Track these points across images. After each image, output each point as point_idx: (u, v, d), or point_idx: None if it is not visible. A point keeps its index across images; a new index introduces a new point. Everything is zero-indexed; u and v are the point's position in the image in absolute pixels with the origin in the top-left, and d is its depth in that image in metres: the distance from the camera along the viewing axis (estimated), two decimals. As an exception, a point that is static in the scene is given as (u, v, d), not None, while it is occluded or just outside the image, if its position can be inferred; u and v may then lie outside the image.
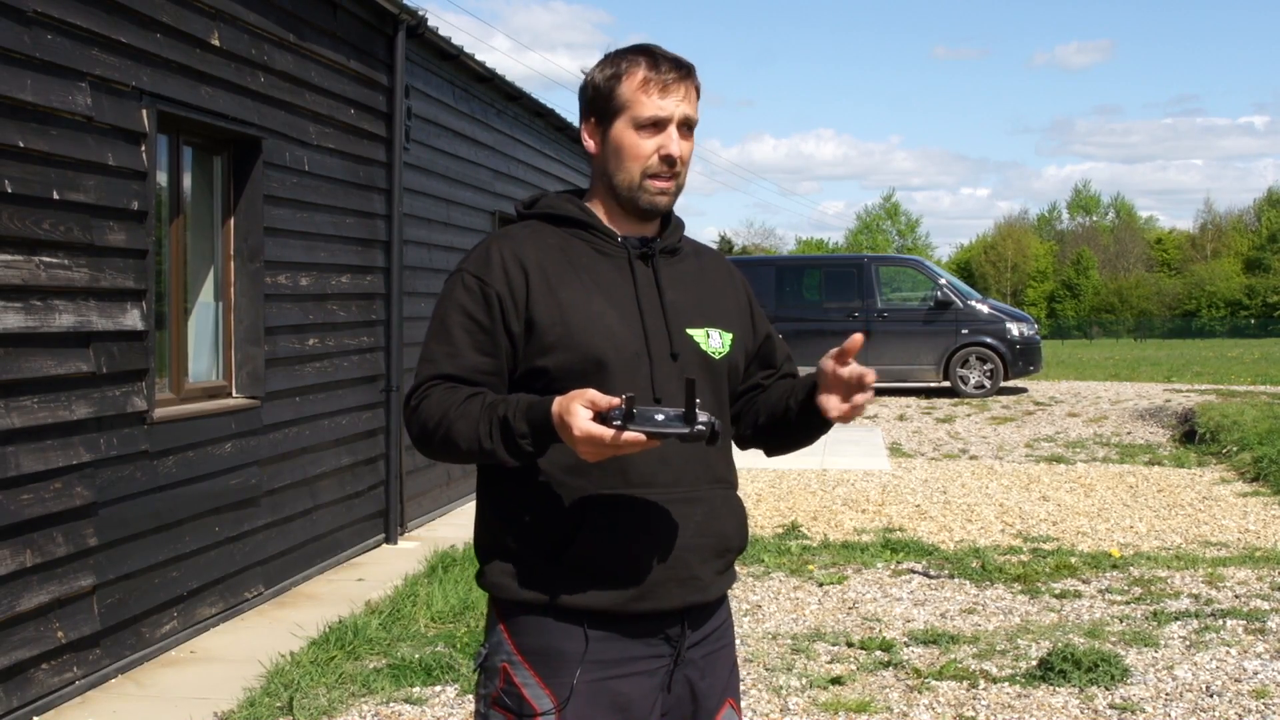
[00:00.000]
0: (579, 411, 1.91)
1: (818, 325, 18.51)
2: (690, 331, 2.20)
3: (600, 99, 2.19)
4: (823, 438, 2.33)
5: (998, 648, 5.61)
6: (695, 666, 2.19)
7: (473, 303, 2.13)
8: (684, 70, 2.18)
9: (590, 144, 2.22)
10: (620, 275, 2.18)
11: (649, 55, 2.19)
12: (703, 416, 1.91)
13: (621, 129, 2.17)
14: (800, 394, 2.23)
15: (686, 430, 1.90)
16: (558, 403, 1.96)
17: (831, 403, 2.11)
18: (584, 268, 2.16)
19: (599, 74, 2.20)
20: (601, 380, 2.06)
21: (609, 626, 2.11)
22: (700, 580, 2.17)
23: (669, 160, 2.16)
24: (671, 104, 2.16)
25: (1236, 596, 6.57)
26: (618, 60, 2.19)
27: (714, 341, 2.22)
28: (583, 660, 2.10)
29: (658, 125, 2.16)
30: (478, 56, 9.67)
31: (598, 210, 2.23)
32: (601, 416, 1.90)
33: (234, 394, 6.53)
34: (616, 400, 1.90)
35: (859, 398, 2.08)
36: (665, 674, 2.16)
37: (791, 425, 2.25)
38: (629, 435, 1.88)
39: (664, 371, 2.13)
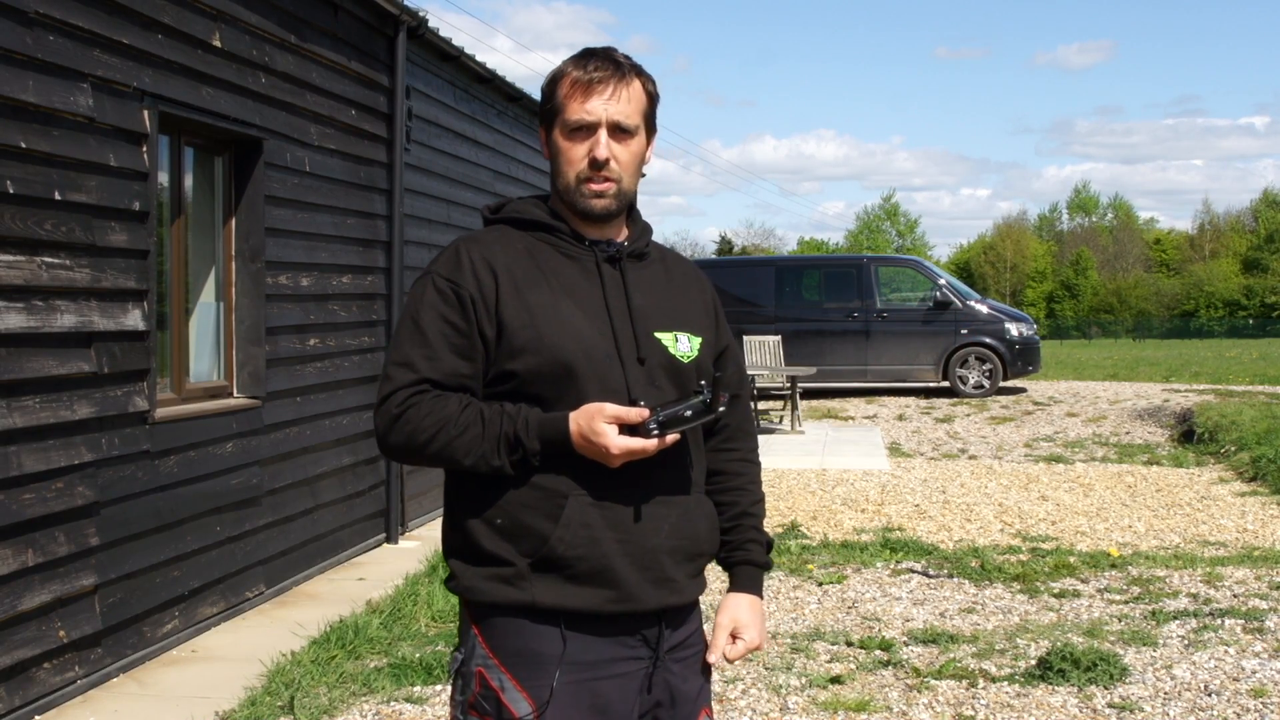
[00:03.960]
0: (608, 430, 2.00)
1: (817, 325, 18.53)
2: (658, 335, 2.19)
3: (542, 105, 2.21)
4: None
5: (997, 647, 5.62)
6: (675, 671, 2.20)
7: (447, 306, 2.11)
8: (616, 68, 2.14)
9: (545, 150, 2.23)
10: (588, 279, 2.17)
11: (584, 56, 2.16)
12: (721, 398, 2.06)
13: (556, 135, 2.16)
14: (726, 550, 2.33)
15: (713, 417, 2.07)
16: (576, 423, 2.03)
17: (718, 644, 2.26)
18: (552, 271, 2.16)
19: (545, 79, 2.20)
20: (571, 384, 2.07)
21: (586, 628, 2.10)
22: (675, 582, 2.17)
23: (595, 163, 2.13)
24: (598, 106, 2.11)
25: (1235, 596, 6.59)
26: (561, 64, 2.18)
27: (683, 345, 2.22)
28: (561, 662, 2.09)
29: (587, 129, 2.13)
30: (478, 57, 9.69)
31: (562, 213, 2.22)
32: (632, 429, 2.01)
33: (235, 394, 6.55)
34: (641, 412, 2.01)
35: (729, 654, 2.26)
36: (644, 676, 2.16)
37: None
38: (670, 439, 2.03)
39: (634, 375, 2.13)
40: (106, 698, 4.98)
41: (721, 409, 2.04)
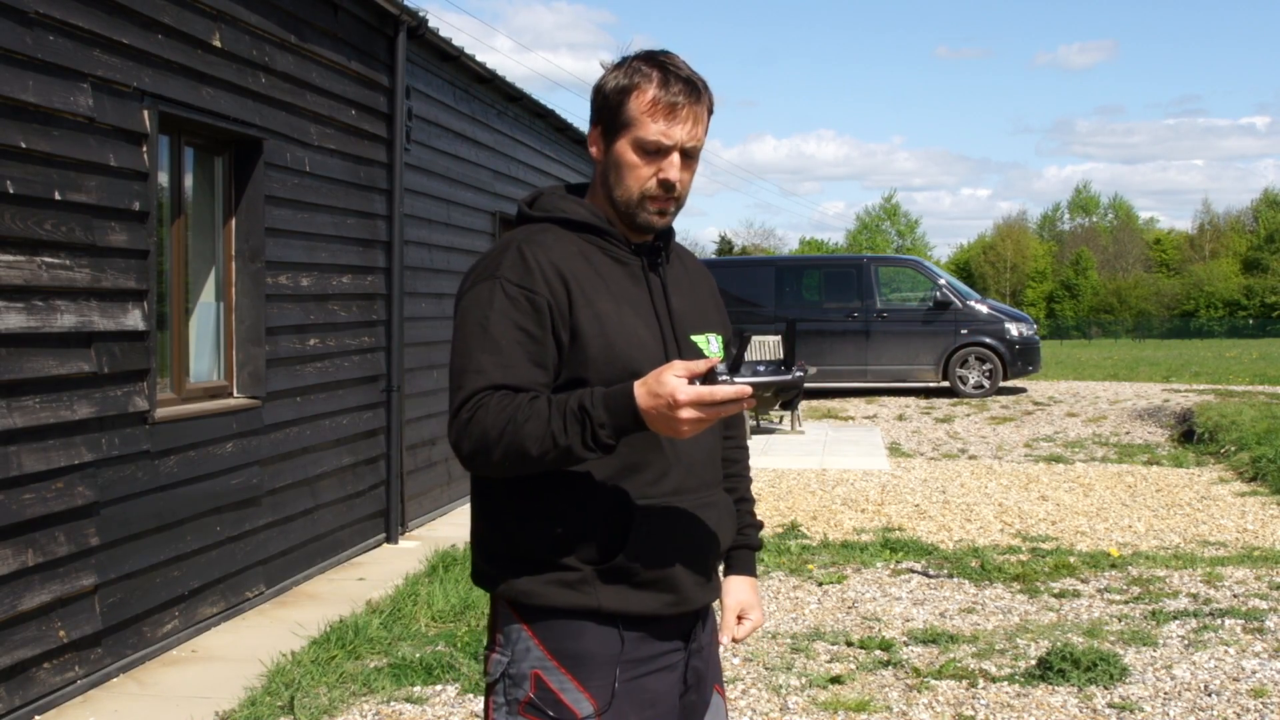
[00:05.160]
0: (675, 381, 1.87)
1: (817, 325, 18.52)
2: (694, 339, 2.23)
3: (608, 109, 2.14)
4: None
5: (997, 647, 5.62)
6: (700, 657, 2.26)
7: (520, 313, 2.05)
8: (694, 92, 2.12)
9: (595, 149, 2.19)
10: (636, 284, 2.18)
11: (661, 71, 2.11)
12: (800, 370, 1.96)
13: (624, 147, 2.12)
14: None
15: (789, 377, 1.99)
16: (642, 384, 1.91)
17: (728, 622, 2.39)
18: (606, 276, 2.14)
19: (611, 81, 2.14)
20: None
21: (642, 628, 2.13)
22: (715, 581, 2.26)
23: (667, 185, 2.12)
24: (678, 131, 2.10)
25: (1235, 596, 6.59)
26: (631, 71, 2.13)
27: (713, 346, 2.26)
28: (620, 661, 2.11)
29: (660, 151, 2.11)
30: (479, 57, 9.69)
31: (607, 215, 2.20)
32: (701, 379, 1.88)
33: (235, 394, 6.55)
34: (709, 361, 1.90)
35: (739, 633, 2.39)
36: (683, 666, 2.21)
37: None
38: (738, 387, 1.86)
39: None
40: (106, 698, 4.98)
41: (799, 374, 1.96)
